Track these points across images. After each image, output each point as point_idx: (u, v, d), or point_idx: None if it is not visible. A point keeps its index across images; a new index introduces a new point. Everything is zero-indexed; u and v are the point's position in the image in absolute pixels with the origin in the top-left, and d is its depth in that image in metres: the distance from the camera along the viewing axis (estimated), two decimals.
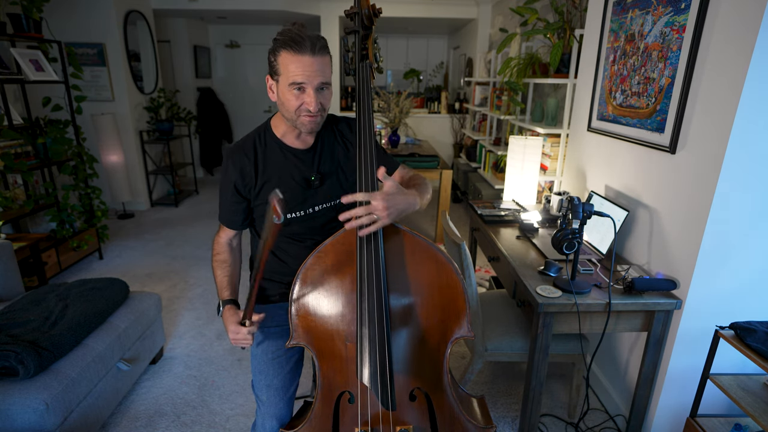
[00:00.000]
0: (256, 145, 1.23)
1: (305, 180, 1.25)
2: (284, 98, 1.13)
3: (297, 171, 1.24)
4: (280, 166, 1.23)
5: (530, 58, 3.25)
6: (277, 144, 1.23)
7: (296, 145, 1.24)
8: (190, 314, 2.80)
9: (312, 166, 1.26)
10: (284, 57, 1.08)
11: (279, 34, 1.10)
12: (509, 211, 2.35)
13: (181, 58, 5.94)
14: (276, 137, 1.24)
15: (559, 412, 2.01)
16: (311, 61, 1.08)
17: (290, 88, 1.10)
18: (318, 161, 1.26)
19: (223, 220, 1.30)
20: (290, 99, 1.12)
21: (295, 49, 1.07)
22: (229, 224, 1.30)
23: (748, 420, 1.57)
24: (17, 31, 2.95)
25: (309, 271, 1.13)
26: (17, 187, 3.03)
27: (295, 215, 1.25)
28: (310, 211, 1.27)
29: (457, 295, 1.13)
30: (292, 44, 1.07)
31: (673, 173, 1.61)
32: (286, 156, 1.23)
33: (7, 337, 1.63)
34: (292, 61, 1.07)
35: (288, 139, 1.23)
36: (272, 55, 1.11)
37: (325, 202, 1.28)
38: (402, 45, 7.48)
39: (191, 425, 1.92)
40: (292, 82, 1.09)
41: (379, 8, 1.24)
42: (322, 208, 1.28)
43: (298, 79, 1.09)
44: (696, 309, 1.56)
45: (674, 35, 1.58)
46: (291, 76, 1.09)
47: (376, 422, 1.14)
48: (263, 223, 1.22)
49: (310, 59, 1.08)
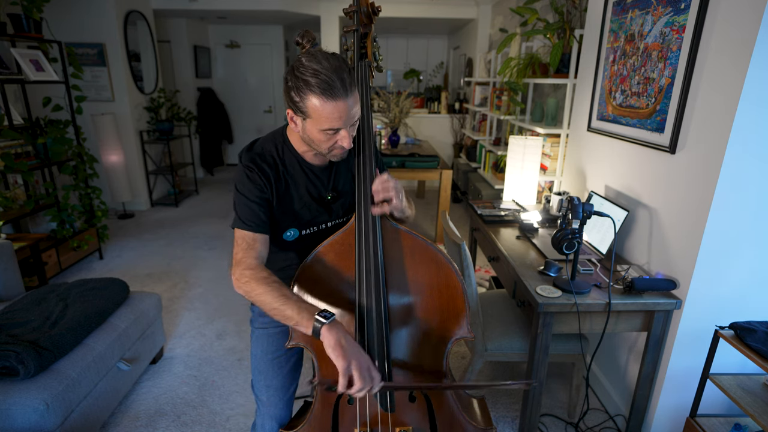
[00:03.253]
0: (275, 157, 1.16)
1: (321, 197, 1.22)
2: (314, 137, 1.06)
3: (314, 188, 1.21)
4: (299, 182, 1.19)
5: (530, 58, 3.25)
6: (297, 159, 1.18)
7: (314, 162, 1.20)
8: (190, 314, 2.80)
9: (328, 184, 1.23)
10: (314, 102, 0.98)
11: (301, 72, 0.98)
12: (509, 211, 2.35)
13: (181, 58, 5.94)
14: (296, 152, 1.18)
15: (559, 412, 2.01)
16: (345, 104, 0.98)
17: (324, 131, 1.02)
18: (334, 179, 1.24)
19: (249, 223, 1.10)
20: (321, 139, 1.05)
21: (327, 95, 0.96)
22: (256, 226, 1.11)
23: (748, 420, 1.57)
24: (17, 31, 2.95)
25: (308, 271, 1.13)
26: (17, 187, 3.03)
27: (309, 231, 1.24)
28: (323, 227, 1.26)
29: (457, 296, 1.13)
30: (323, 89, 0.96)
31: (673, 173, 1.61)
32: (305, 172, 1.20)
33: (8, 337, 1.63)
34: (326, 107, 0.98)
35: (307, 156, 1.19)
36: (296, 95, 0.99)
37: (338, 218, 1.27)
38: (402, 45, 7.48)
39: (191, 425, 1.92)
40: (329, 128, 1.01)
41: (378, 6, 1.24)
42: (335, 224, 1.27)
43: (335, 125, 1.01)
44: (696, 309, 1.56)
45: (674, 35, 1.58)
46: (326, 122, 1.00)
47: (375, 423, 1.14)
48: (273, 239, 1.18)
49: (344, 103, 0.98)
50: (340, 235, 1.13)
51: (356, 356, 0.95)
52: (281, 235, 1.21)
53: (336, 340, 0.94)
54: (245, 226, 1.10)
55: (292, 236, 1.22)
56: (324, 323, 0.95)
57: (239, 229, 1.11)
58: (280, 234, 1.21)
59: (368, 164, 1.16)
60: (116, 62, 4.47)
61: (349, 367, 0.93)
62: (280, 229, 1.20)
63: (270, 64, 6.85)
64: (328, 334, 0.94)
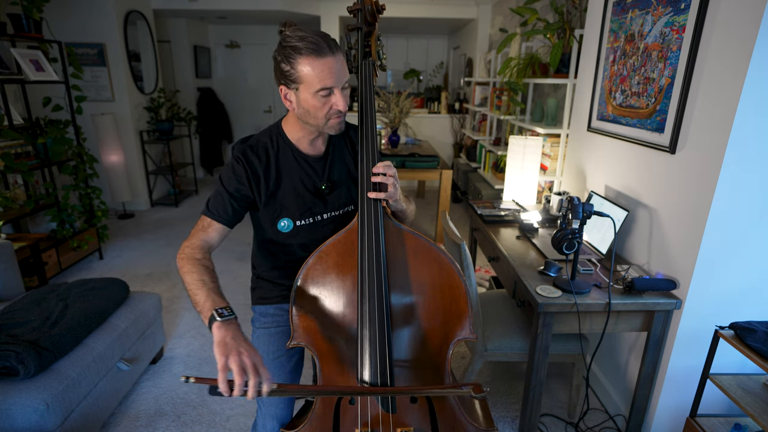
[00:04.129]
0: (269, 148, 1.19)
1: (315, 188, 1.23)
2: (309, 105, 1.08)
3: (308, 178, 1.22)
4: (292, 173, 1.21)
5: (530, 58, 3.25)
6: (291, 149, 1.20)
7: (309, 152, 1.22)
8: (190, 314, 2.80)
9: (323, 174, 1.24)
10: (305, 64, 1.03)
11: (287, 41, 1.05)
12: (509, 211, 2.35)
13: (181, 58, 5.94)
14: (290, 142, 1.20)
15: (559, 412, 2.01)
16: (333, 61, 1.04)
17: (317, 94, 1.05)
18: (329, 169, 1.25)
19: (212, 210, 1.15)
20: (317, 105, 1.07)
21: (316, 53, 1.02)
22: (216, 215, 1.14)
23: (748, 420, 1.57)
24: (17, 31, 2.95)
25: (310, 271, 1.13)
26: (17, 187, 3.03)
27: (304, 222, 1.24)
28: (318, 219, 1.26)
29: (460, 297, 1.13)
30: (312, 49, 1.02)
31: (673, 173, 1.62)
32: (299, 162, 1.21)
33: (8, 337, 1.63)
34: (316, 66, 1.02)
35: (302, 145, 1.21)
36: (287, 64, 1.05)
37: (333, 210, 1.27)
38: (402, 45, 7.48)
39: (191, 425, 1.92)
40: (322, 88, 1.04)
41: (383, 5, 1.24)
42: (331, 216, 1.27)
43: (328, 83, 1.04)
44: (696, 309, 1.56)
45: (674, 35, 1.58)
46: (318, 81, 1.04)
47: (377, 424, 1.14)
48: (269, 231, 1.22)
49: (332, 59, 1.03)
50: (343, 235, 1.13)
51: (237, 353, 0.89)
52: (276, 226, 1.22)
53: (221, 337, 0.92)
54: (208, 212, 1.16)
55: (287, 227, 1.22)
56: (217, 320, 0.95)
57: (203, 213, 1.17)
58: (275, 224, 1.22)
59: (371, 163, 1.16)
60: (116, 62, 4.47)
61: (227, 363, 0.88)
62: (274, 220, 1.21)
63: (270, 64, 6.80)
64: (217, 331, 0.93)
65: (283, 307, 1.36)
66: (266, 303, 1.37)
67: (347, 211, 1.30)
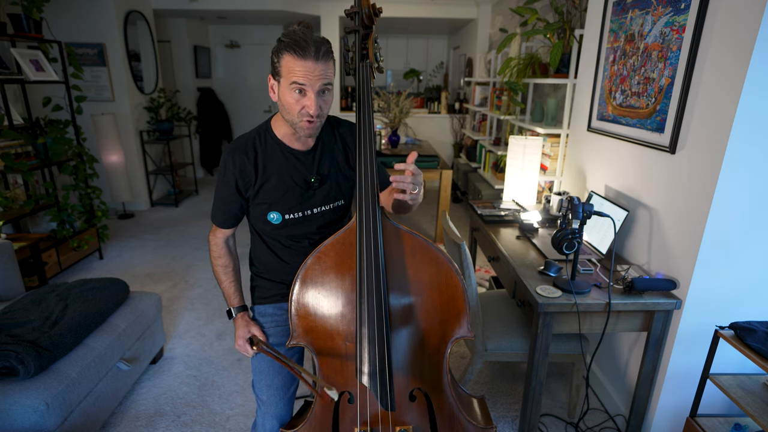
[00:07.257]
0: (256, 144, 1.22)
1: (305, 181, 1.25)
2: (285, 100, 1.12)
3: (297, 172, 1.24)
4: (280, 167, 1.23)
5: (530, 58, 3.25)
6: (278, 144, 1.23)
7: (296, 146, 1.24)
8: (190, 314, 2.80)
9: (312, 168, 1.25)
10: (287, 60, 1.07)
11: (284, 36, 1.09)
12: (509, 211, 2.35)
13: (181, 58, 5.94)
14: (277, 138, 1.23)
15: (559, 412, 2.01)
16: (314, 66, 1.06)
17: (291, 88, 1.09)
18: (318, 163, 1.26)
19: (216, 220, 1.30)
20: (291, 101, 1.10)
21: (298, 53, 1.05)
22: (222, 224, 1.30)
23: (748, 420, 1.57)
24: (17, 32, 2.95)
25: (309, 270, 1.14)
26: (17, 187, 3.03)
27: (293, 216, 1.26)
28: (308, 213, 1.27)
29: (458, 296, 1.13)
30: (295, 48, 1.05)
31: (673, 173, 1.62)
32: (286, 157, 1.23)
33: (8, 337, 1.63)
34: (295, 65, 1.06)
35: (288, 140, 1.23)
36: (275, 56, 1.10)
37: (323, 204, 1.28)
38: (402, 45, 7.48)
39: (191, 425, 1.92)
40: (293, 82, 1.08)
41: (380, 8, 1.24)
42: (321, 210, 1.28)
43: (299, 80, 1.07)
44: (696, 309, 1.56)
45: (674, 35, 1.58)
46: (292, 75, 1.07)
47: (376, 422, 1.14)
48: (260, 222, 1.27)
49: (313, 64, 1.06)
50: (341, 235, 1.13)
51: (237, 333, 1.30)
52: (266, 217, 1.26)
53: (236, 326, 1.33)
54: (213, 219, 1.32)
55: (276, 219, 1.26)
56: (233, 316, 1.33)
57: (211, 219, 1.34)
58: (264, 216, 1.26)
59: (369, 165, 1.16)
60: (116, 62, 4.47)
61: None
62: (263, 212, 1.25)
63: (270, 64, 6.84)
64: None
65: (282, 306, 1.36)
66: (265, 302, 1.37)
67: (337, 206, 1.31)
